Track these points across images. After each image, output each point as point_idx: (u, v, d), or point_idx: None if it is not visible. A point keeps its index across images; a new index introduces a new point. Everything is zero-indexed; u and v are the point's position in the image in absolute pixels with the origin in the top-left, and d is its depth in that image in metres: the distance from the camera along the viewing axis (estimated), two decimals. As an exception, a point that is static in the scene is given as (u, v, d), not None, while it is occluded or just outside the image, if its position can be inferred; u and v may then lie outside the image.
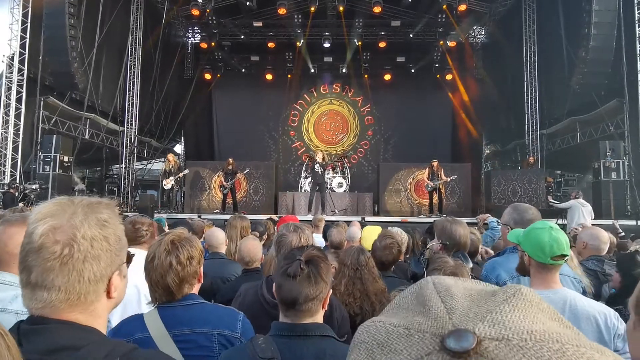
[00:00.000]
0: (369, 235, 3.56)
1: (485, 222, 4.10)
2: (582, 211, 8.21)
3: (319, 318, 1.43)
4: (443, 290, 0.41)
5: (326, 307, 1.46)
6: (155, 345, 1.49)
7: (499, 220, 2.92)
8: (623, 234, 6.15)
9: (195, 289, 1.66)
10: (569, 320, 1.41)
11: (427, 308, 0.39)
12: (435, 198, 11.46)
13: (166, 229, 4.87)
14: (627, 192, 10.50)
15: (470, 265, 2.56)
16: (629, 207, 10.46)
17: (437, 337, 0.36)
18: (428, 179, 11.30)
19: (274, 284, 1.46)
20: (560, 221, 8.83)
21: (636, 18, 10.35)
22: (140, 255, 2.19)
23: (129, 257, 1.00)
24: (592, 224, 6.17)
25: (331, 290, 1.48)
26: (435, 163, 11.23)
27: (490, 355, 0.33)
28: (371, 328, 0.41)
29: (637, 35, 10.35)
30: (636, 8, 10.37)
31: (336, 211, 11.46)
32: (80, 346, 0.83)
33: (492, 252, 3.46)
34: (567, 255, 1.75)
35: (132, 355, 0.89)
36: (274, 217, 6.88)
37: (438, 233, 2.69)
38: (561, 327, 0.38)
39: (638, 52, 10.34)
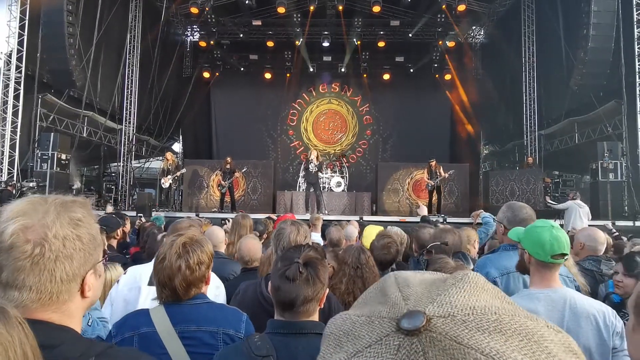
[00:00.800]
0: (370, 235, 3.57)
1: (479, 219, 4.11)
2: (579, 212, 8.22)
3: (315, 317, 1.43)
4: (402, 282, 0.46)
5: (322, 305, 1.46)
6: (161, 340, 1.50)
7: (494, 217, 2.94)
8: (617, 233, 6.15)
9: (204, 291, 1.68)
10: (570, 319, 1.43)
11: (387, 297, 0.45)
12: (435, 197, 11.49)
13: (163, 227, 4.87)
14: (624, 193, 10.53)
15: (471, 266, 2.57)
16: (626, 207, 10.48)
17: (394, 321, 0.40)
18: (428, 178, 11.33)
19: (269, 284, 1.46)
20: (558, 222, 8.84)
21: (635, 19, 10.37)
22: None
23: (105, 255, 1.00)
24: (589, 225, 6.18)
25: (327, 289, 1.49)
26: (433, 162, 11.28)
27: (438, 330, 0.38)
28: (338, 321, 0.46)
29: (636, 36, 10.38)
30: (635, 10, 10.39)
31: (326, 212, 11.41)
32: (55, 345, 0.83)
33: None
34: (567, 254, 1.76)
35: (108, 354, 0.88)
36: (273, 216, 6.87)
37: (432, 241, 2.75)
38: (502, 303, 0.42)
39: (636, 54, 10.37)
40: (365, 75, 17.00)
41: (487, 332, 0.37)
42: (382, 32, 15.98)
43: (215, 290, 2.12)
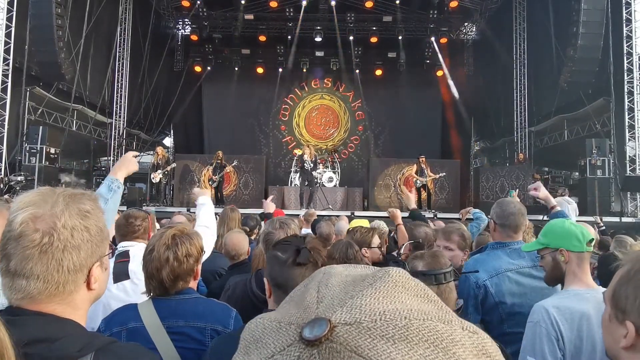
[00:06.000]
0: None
1: (469, 214, 4.16)
2: (567, 208, 8.33)
3: None
4: (324, 280, 0.43)
5: None
6: (149, 336, 1.50)
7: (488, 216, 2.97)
8: (604, 227, 6.30)
9: (192, 285, 1.67)
10: None
11: (304, 299, 0.42)
12: (424, 194, 11.54)
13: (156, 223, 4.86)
14: (611, 190, 10.69)
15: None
16: (612, 204, 10.65)
17: (299, 328, 0.38)
18: (417, 174, 11.37)
19: (265, 279, 1.46)
20: (546, 217, 8.95)
21: (624, 18, 10.49)
22: (135, 248, 2.18)
23: (112, 250, 1.01)
24: (577, 221, 6.27)
25: None
26: (422, 159, 11.28)
27: (339, 340, 0.35)
28: (252, 325, 0.42)
29: (625, 34, 10.50)
30: (624, 8, 10.51)
31: (330, 207, 11.53)
32: (56, 338, 0.83)
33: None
34: (594, 239, 1.74)
35: (109, 349, 0.88)
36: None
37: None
38: (423, 302, 0.39)
39: (625, 52, 10.49)
40: (357, 71, 16.99)
41: (392, 340, 0.35)
42: (374, 28, 15.97)
43: None
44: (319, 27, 15.77)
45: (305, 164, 10.84)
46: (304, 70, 17.06)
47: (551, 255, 1.75)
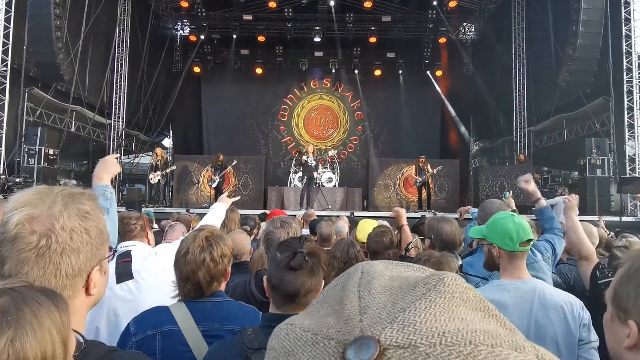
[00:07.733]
0: (363, 229, 3.63)
1: (468, 214, 4.14)
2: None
3: None
4: (365, 283, 0.38)
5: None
6: (184, 338, 1.51)
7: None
8: (612, 235, 6.12)
9: (222, 287, 1.69)
10: (538, 310, 1.43)
11: (343, 305, 0.36)
12: (424, 193, 11.55)
13: (154, 223, 4.85)
14: (611, 189, 10.68)
15: (459, 261, 2.59)
16: (612, 203, 10.64)
17: (341, 346, 0.33)
18: (416, 174, 11.39)
19: (265, 279, 1.45)
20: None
21: (623, 17, 10.49)
22: (136, 248, 2.16)
23: (113, 253, 0.97)
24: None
25: (323, 281, 1.50)
26: (422, 159, 11.31)
27: None
28: (282, 333, 0.37)
29: (624, 34, 10.50)
30: (623, 7, 10.51)
31: (330, 207, 11.52)
32: None
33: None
34: (532, 239, 1.79)
35: (109, 358, 0.85)
36: (267, 212, 6.87)
37: (427, 230, 2.74)
38: (484, 318, 0.34)
39: (624, 51, 10.49)
40: (356, 71, 16.99)
41: None
42: (373, 28, 15.96)
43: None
44: (317, 28, 15.77)
45: (308, 159, 10.87)
46: (303, 70, 17.06)
47: (487, 247, 1.86)
